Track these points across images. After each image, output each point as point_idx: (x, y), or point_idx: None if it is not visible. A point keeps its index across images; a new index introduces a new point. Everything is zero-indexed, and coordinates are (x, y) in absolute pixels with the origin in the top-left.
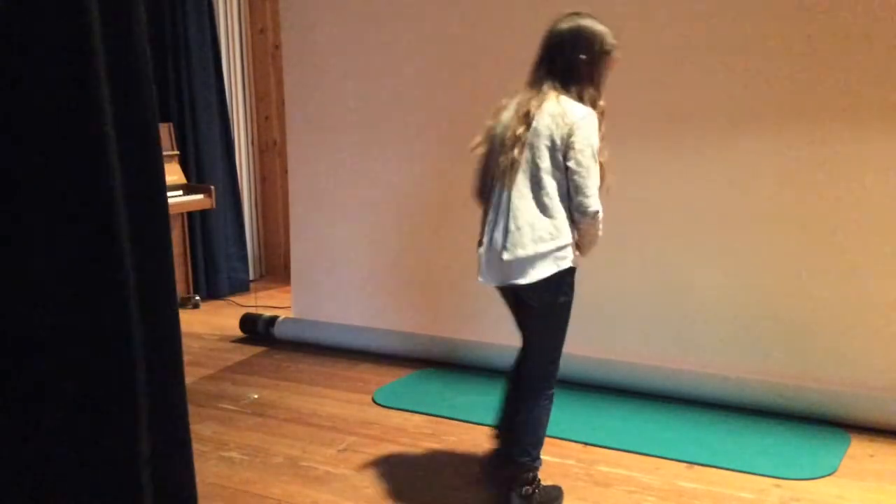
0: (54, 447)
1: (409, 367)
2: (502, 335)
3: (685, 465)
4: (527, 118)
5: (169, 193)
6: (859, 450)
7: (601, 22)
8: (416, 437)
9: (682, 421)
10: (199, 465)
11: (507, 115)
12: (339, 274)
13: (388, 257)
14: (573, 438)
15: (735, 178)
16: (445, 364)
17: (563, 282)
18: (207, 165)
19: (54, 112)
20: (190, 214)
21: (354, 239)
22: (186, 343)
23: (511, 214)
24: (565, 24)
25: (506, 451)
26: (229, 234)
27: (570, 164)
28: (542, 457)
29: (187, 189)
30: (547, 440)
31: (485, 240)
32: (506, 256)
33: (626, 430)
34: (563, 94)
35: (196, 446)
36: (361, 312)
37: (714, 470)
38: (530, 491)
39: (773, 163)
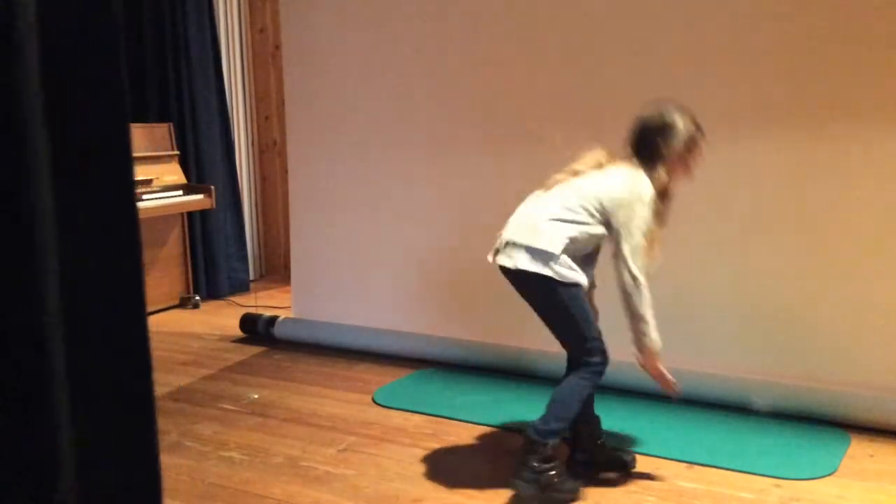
0: None
1: (409, 367)
2: (503, 335)
3: (685, 465)
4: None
5: (169, 193)
6: (859, 450)
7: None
8: (416, 437)
9: (682, 421)
10: (199, 465)
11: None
12: (339, 274)
13: (389, 257)
14: None
15: (735, 178)
16: (445, 364)
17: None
18: (207, 165)
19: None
20: (190, 214)
21: (354, 239)
22: (186, 343)
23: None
24: (660, 115)
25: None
26: (229, 234)
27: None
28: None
29: (187, 189)
30: None
31: None
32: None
33: (626, 430)
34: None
35: (196, 446)
36: (361, 312)
37: (714, 470)
38: (538, 467)
39: (774, 162)
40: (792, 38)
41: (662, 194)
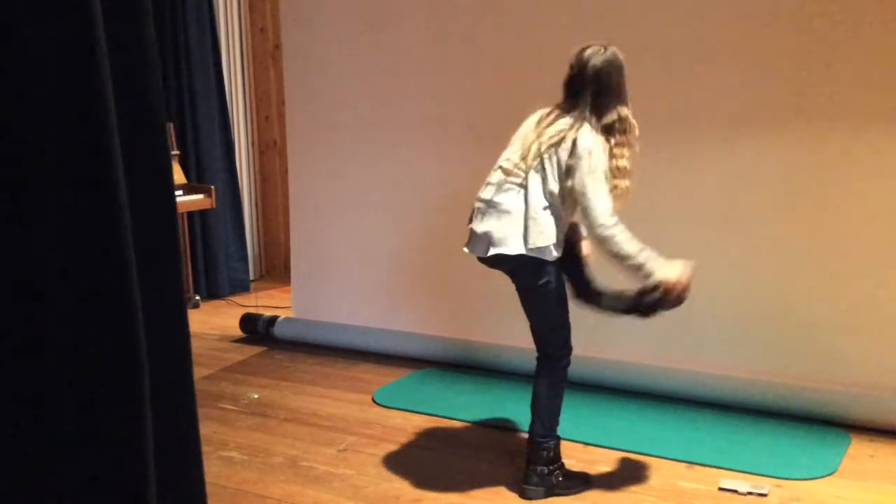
0: (57, 451)
1: (409, 367)
2: (503, 335)
3: (685, 465)
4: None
5: None
6: (859, 450)
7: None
8: (416, 437)
9: (682, 421)
10: None
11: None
12: (339, 274)
13: (389, 257)
14: (574, 438)
15: (735, 178)
16: (445, 364)
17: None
18: (207, 165)
19: (56, 110)
20: (190, 214)
21: (355, 239)
22: None
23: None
24: (596, 60)
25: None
26: (229, 233)
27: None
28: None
29: (187, 189)
30: None
31: None
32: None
33: (626, 431)
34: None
35: None
36: (361, 312)
37: (714, 470)
38: (546, 471)
39: (773, 163)
40: (792, 38)
41: (625, 129)
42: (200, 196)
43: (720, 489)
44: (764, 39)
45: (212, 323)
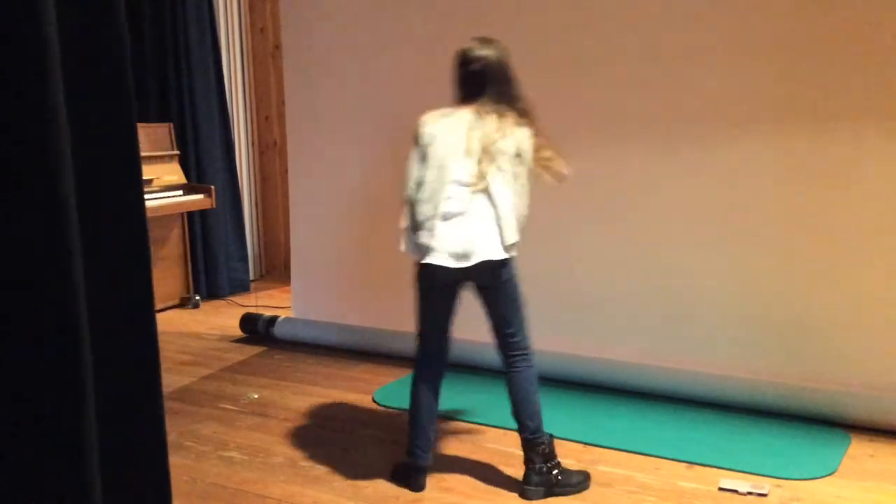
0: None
1: (409, 367)
2: None
3: (685, 465)
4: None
5: (169, 193)
6: (859, 450)
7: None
8: None
9: (682, 421)
10: (199, 465)
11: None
12: (339, 274)
13: (389, 257)
14: (573, 438)
15: (735, 178)
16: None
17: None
18: (207, 165)
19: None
20: (190, 214)
21: (354, 239)
22: (187, 342)
23: None
24: (493, 53)
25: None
26: (229, 233)
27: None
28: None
29: (187, 189)
30: None
31: None
32: None
33: (626, 430)
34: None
35: (196, 446)
36: (361, 312)
37: (714, 470)
38: (545, 468)
39: (773, 163)
40: (793, 38)
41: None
42: (200, 196)
43: (720, 489)
44: (764, 39)
45: (212, 323)
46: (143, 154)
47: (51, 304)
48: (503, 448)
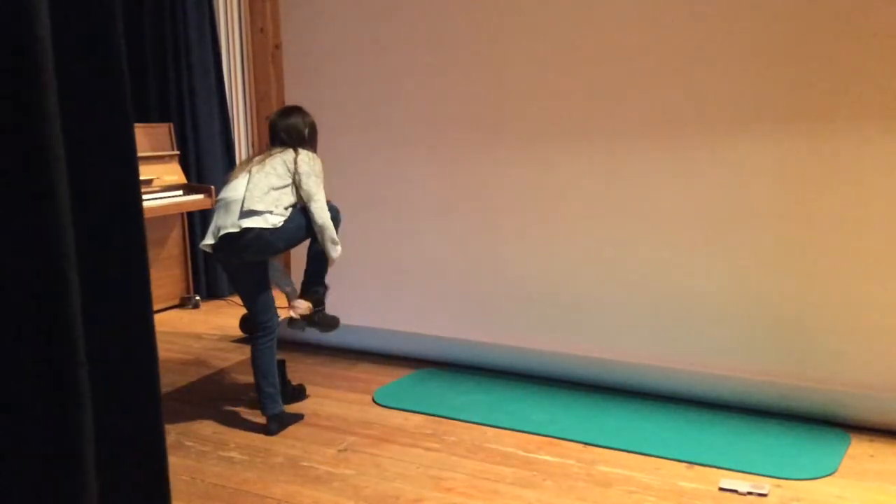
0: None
1: (409, 367)
2: (503, 335)
3: (685, 464)
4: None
5: (169, 193)
6: (859, 450)
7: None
8: (416, 437)
9: (682, 421)
10: (199, 465)
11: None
12: (339, 274)
13: (389, 257)
14: (573, 438)
15: (735, 178)
16: (445, 364)
17: None
18: (207, 165)
19: None
20: (190, 214)
21: (354, 239)
22: (186, 343)
23: None
24: (300, 119)
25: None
26: None
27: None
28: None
29: (187, 189)
30: (547, 440)
31: None
32: None
33: (626, 430)
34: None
35: (196, 446)
36: (361, 312)
37: (714, 470)
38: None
39: (773, 163)
40: (793, 38)
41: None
42: (200, 196)
43: (720, 489)
44: (765, 39)
45: (212, 323)
46: (143, 154)
47: (45, 306)
48: (503, 448)
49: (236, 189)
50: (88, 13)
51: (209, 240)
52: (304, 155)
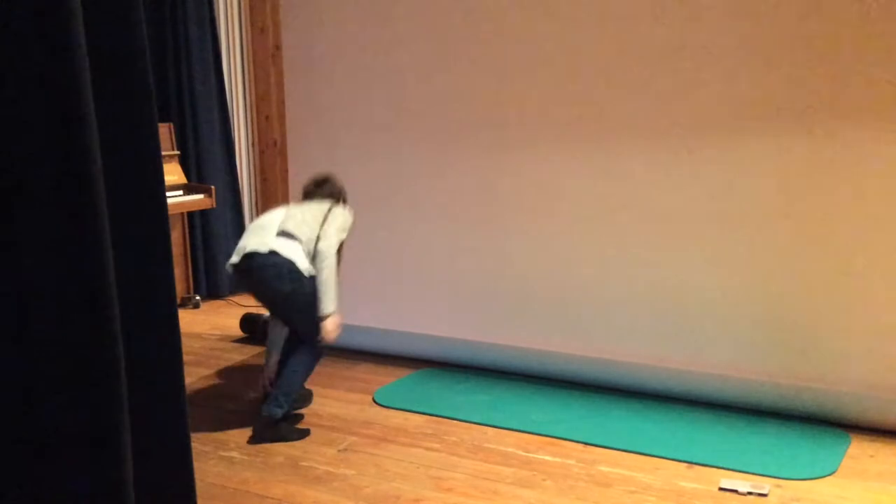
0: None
1: (409, 367)
2: (503, 335)
3: (685, 465)
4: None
5: (169, 193)
6: (860, 450)
7: None
8: (416, 437)
9: (682, 421)
10: (199, 465)
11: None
12: (338, 274)
13: (389, 257)
14: (573, 438)
15: (735, 178)
16: (445, 364)
17: None
18: (208, 165)
19: (34, 110)
20: (190, 214)
21: (354, 239)
22: (187, 343)
23: None
24: (335, 183)
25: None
26: (230, 233)
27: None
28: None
29: (188, 189)
30: (547, 440)
31: None
32: None
33: (626, 430)
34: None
35: (196, 446)
36: (361, 312)
37: (714, 470)
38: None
39: (774, 163)
40: (792, 39)
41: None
42: (201, 196)
43: (720, 489)
44: (765, 39)
45: (212, 323)
46: None
47: (88, 306)
48: (503, 448)
49: (272, 214)
50: (117, 26)
51: (234, 258)
52: (341, 208)
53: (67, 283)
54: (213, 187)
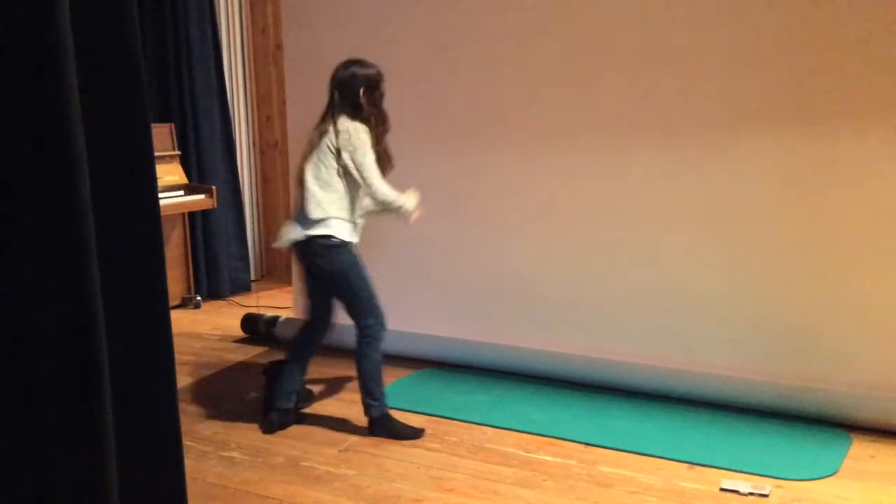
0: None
1: (409, 367)
2: (503, 335)
3: (686, 465)
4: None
5: (170, 194)
6: (860, 451)
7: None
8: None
9: (682, 421)
10: (199, 465)
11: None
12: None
13: (388, 257)
14: (574, 439)
15: (736, 178)
16: (445, 364)
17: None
18: (209, 165)
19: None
20: (191, 214)
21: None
22: (188, 343)
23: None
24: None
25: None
26: (230, 234)
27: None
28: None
29: (189, 189)
30: (547, 440)
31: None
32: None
33: (626, 431)
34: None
35: (197, 446)
36: None
37: (715, 470)
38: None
39: (774, 163)
40: (794, 39)
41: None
42: (202, 196)
43: (721, 489)
44: (765, 39)
45: (213, 323)
46: None
47: (67, 305)
48: (504, 448)
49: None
50: (109, 25)
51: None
52: (344, 124)
53: (50, 286)
54: (213, 187)
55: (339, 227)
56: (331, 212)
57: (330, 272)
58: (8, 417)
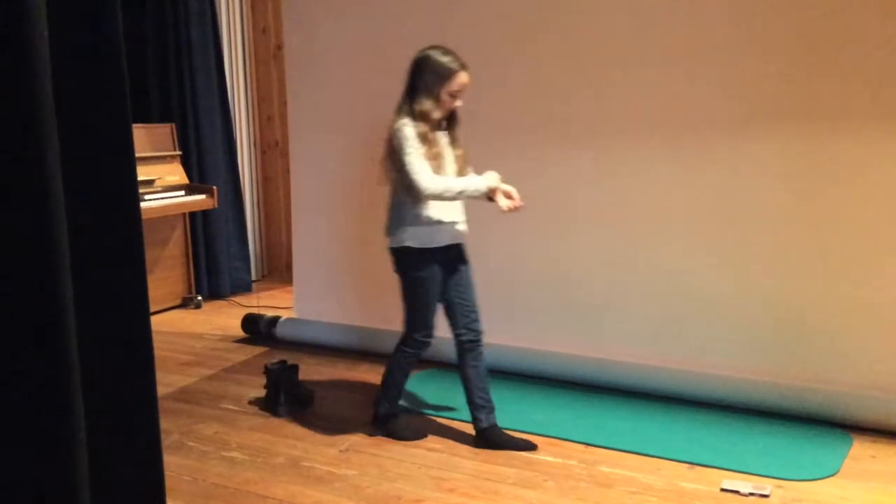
0: None
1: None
2: (502, 335)
3: (686, 465)
4: None
5: (171, 194)
6: (861, 451)
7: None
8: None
9: (683, 421)
10: (200, 465)
11: None
12: (340, 274)
13: (387, 257)
14: (574, 439)
15: (736, 178)
16: (445, 364)
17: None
18: (209, 166)
19: None
20: (192, 214)
21: (356, 239)
22: (188, 343)
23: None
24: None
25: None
26: (231, 234)
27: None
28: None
29: (189, 189)
30: (548, 440)
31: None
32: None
33: (627, 431)
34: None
35: (198, 446)
36: (363, 313)
37: (715, 470)
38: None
39: (774, 164)
40: (792, 39)
41: (425, 119)
42: (202, 196)
43: (722, 490)
44: (765, 39)
45: (213, 323)
46: (145, 154)
47: (38, 307)
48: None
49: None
50: (89, 15)
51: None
52: (397, 124)
53: (19, 289)
54: (214, 187)
55: (410, 234)
56: (402, 219)
57: (397, 274)
58: None
